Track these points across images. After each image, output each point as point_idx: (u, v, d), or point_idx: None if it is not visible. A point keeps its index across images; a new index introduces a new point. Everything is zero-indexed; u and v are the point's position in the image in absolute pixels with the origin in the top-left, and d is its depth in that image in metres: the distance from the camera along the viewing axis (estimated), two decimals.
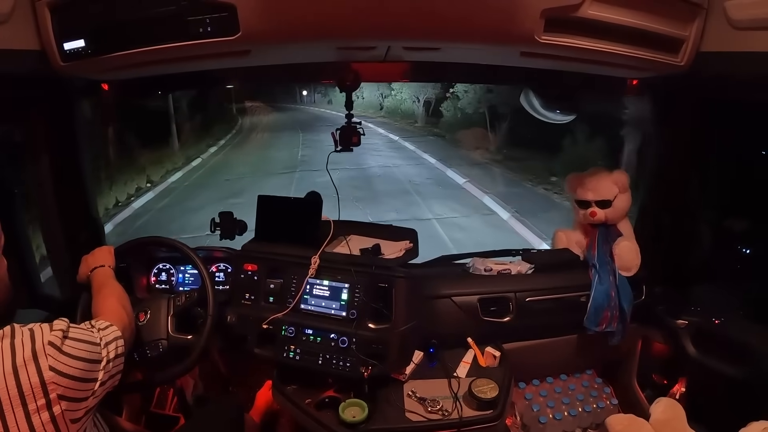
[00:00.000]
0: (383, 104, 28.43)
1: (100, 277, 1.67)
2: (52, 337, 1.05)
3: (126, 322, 1.41)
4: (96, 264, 1.72)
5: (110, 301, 1.50)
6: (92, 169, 2.19)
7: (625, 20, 1.53)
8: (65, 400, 1.04)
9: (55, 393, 1.02)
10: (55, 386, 1.02)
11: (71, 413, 1.05)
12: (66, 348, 1.07)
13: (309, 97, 41.50)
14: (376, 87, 26.92)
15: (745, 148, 2.17)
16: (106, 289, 1.59)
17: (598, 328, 2.16)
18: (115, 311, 1.43)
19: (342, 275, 1.91)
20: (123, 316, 1.43)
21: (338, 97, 24.16)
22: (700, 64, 1.67)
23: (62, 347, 1.06)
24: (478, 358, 2.05)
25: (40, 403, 1.00)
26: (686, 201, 2.26)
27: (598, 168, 2.30)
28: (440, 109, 20.40)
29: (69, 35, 1.47)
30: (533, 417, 2.19)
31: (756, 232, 2.26)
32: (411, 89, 23.71)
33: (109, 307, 1.46)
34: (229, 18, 1.35)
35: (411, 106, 25.20)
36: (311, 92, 40.87)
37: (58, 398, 1.02)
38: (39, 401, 1.00)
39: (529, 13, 1.40)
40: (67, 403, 1.04)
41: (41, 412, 1.00)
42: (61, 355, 1.05)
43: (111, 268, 1.74)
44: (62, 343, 1.06)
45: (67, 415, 1.04)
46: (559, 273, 2.27)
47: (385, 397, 1.82)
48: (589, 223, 2.30)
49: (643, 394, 2.33)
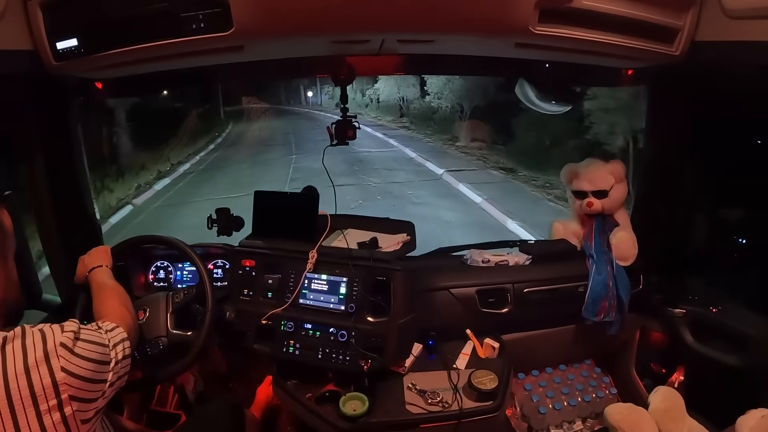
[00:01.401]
0: (407, 105, 22.35)
1: (99, 278, 1.66)
2: (64, 339, 1.05)
3: (130, 324, 1.41)
4: (93, 264, 1.71)
5: (113, 303, 1.50)
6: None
7: (619, 10, 1.53)
8: (76, 401, 1.04)
9: (67, 394, 1.02)
10: (67, 387, 1.02)
11: (82, 414, 1.06)
12: (77, 349, 1.07)
13: (314, 99, 36.14)
14: (395, 83, 21.42)
15: (740, 138, 2.17)
16: (106, 290, 1.58)
17: (596, 318, 2.17)
18: (119, 313, 1.43)
19: (340, 269, 1.91)
20: (127, 317, 1.43)
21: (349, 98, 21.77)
22: (695, 53, 1.67)
23: (74, 348, 1.06)
24: (477, 349, 2.06)
25: (51, 404, 1.00)
26: (682, 190, 2.27)
27: (593, 159, 2.30)
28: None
29: (61, 34, 1.47)
30: (533, 407, 2.20)
31: (752, 221, 2.26)
32: (451, 83, 16.95)
33: (113, 308, 1.46)
34: (222, 13, 1.35)
35: (449, 112, 18.16)
36: (317, 93, 35.52)
37: (69, 399, 1.02)
38: (51, 402, 1.00)
39: (523, 4, 1.40)
40: (78, 403, 1.04)
41: (53, 412, 1.00)
42: (72, 357, 1.05)
43: (109, 267, 1.73)
44: (74, 345, 1.06)
45: (78, 415, 1.04)
46: (556, 263, 2.28)
47: (385, 390, 1.83)
48: (585, 213, 2.31)
49: (642, 384, 2.33)
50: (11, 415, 0.96)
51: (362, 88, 25.40)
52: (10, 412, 0.96)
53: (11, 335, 1.02)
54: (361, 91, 25.73)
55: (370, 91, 25.11)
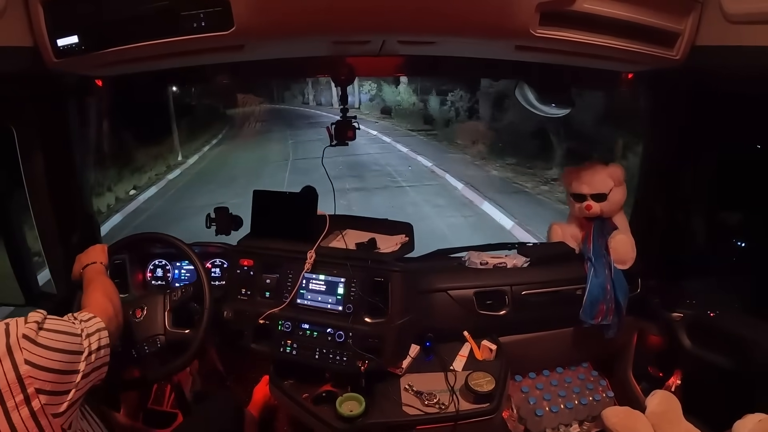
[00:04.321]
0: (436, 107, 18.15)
1: (91, 274, 1.67)
2: (26, 330, 1.03)
3: (111, 314, 1.38)
4: (88, 261, 1.73)
5: (96, 295, 1.49)
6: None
7: (620, 14, 1.53)
8: (44, 394, 1.01)
9: (33, 387, 0.99)
10: (32, 380, 1.00)
11: (52, 407, 1.03)
12: (41, 339, 1.04)
13: (320, 97, 31.05)
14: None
15: (739, 142, 2.17)
16: (93, 284, 1.58)
17: (593, 321, 2.17)
18: (99, 303, 1.41)
19: (338, 270, 1.92)
20: (108, 307, 1.41)
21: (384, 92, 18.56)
22: (695, 58, 1.67)
23: (36, 339, 1.03)
24: (475, 351, 2.05)
25: (18, 399, 0.98)
26: (681, 194, 2.27)
27: (593, 162, 2.30)
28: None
29: (62, 31, 1.46)
30: (530, 410, 2.20)
31: (751, 225, 2.27)
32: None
33: (95, 299, 1.45)
34: (223, 12, 1.34)
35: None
36: (319, 92, 30.79)
37: (36, 392, 1.00)
38: (17, 397, 0.97)
39: (524, 6, 1.40)
40: (46, 397, 1.02)
41: (20, 408, 0.98)
42: (36, 347, 1.02)
43: (103, 264, 1.74)
44: (36, 335, 1.04)
45: (48, 409, 1.02)
46: (554, 266, 2.28)
47: (382, 391, 1.83)
48: (584, 216, 2.31)
49: (639, 387, 2.34)
50: None
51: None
52: None
53: None
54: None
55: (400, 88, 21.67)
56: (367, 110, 25.55)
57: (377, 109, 25.05)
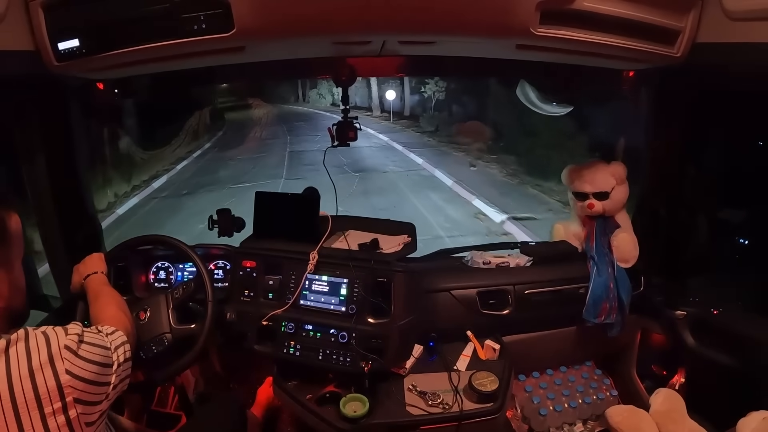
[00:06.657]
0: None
1: (95, 285, 1.67)
2: (68, 341, 1.06)
3: (129, 328, 1.41)
4: (88, 272, 1.72)
5: (111, 309, 1.50)
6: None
7: (620, 12, 1.53)
8: (81, 404, 1.04)
9: (72, 396, 1.02)
10: (72, 390, 1.02)
11: (86, 416, 1.06)
12: (82, 352, 1.07)
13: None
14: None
15: (741, 139, 2.17)
16: (103, 296, 1.59)
17: (597, 320, 2.17)
18: (117, 317, 1.44)
19: (341, 270, 1.92)
20: (125, 321, 1.44)
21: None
22: (696, 55, 1.67)
23: (78, 351, 1.06)
24: (478, 351, 2.05)
25: (56, 407, 1.00)
26: (684, 192, 2.27)
27: (595, 160, 2.29)
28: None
29: (63, 35, 1.47)
30: (533, 409, 2.20)
31: (753, 222, 2.26)
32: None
33: (111, 314, 1.47)
34: (223, 14, 1.35)
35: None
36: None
37: (74, 402, 1.03)
38: (55, 404, 1.00)
39: (524, 5, 1.40)
40: (82, 406, 1.04)
41: (57, 415, 1.00)
42: (77, 359, 1.05)
43: (104, 273, 1.74)
44: (78, 348, 1.07)
45: (83, 418, 1.05)
46: (557, 265, 2.28)
47: (385, 391, 1.83)
48: (587, 215, 2.30)
49: (643, 385, 2.33)
50: (15, 419, 0.96)
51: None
52: (15, 415, 0.96)
53: (14, 338, 1.02)
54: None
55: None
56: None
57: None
